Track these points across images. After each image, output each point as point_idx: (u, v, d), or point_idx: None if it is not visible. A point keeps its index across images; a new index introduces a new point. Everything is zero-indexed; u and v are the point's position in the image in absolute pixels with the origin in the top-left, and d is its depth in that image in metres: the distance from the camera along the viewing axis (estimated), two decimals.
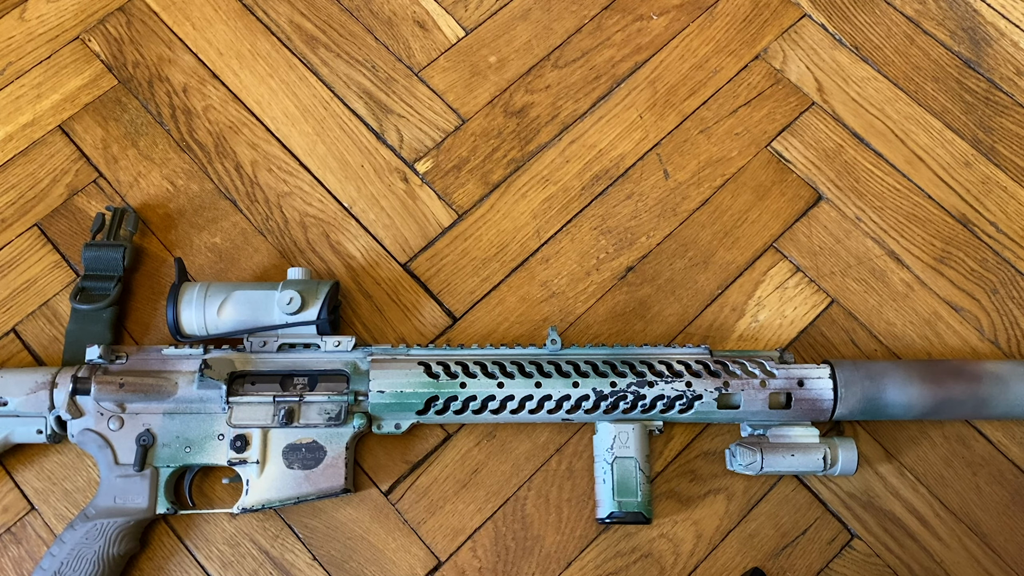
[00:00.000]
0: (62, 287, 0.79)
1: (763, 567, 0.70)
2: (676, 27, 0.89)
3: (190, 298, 0.70)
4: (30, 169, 0.83)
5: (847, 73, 0.86)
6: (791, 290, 0.79)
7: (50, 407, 0.68)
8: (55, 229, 0.81)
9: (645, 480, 0.68)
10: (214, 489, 0.73)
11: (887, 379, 0.69)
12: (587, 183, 0.82)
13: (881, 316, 0.78)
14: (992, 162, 0.83)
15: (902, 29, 0.88)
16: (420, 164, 0.83)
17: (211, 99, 0.86)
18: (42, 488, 0.73)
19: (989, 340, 0.77)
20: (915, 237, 0.80)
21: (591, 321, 0.78)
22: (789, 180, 0.82)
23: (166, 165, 0.83)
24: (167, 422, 0.69)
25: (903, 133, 0.84)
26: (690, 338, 0.77)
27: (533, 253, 0.80)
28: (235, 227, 0.81)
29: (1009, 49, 0.87)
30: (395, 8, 0.89)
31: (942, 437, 0.74)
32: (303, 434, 0.69)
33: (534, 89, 0.86)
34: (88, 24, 0.89)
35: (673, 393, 0.68)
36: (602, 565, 0.71)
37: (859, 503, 0.72)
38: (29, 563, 0.71)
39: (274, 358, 0.70)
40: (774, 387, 0.68)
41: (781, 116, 0.85)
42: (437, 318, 0.78)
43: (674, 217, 0.81)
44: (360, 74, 0.87)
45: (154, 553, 0.71)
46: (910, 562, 0.71)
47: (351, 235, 0.81)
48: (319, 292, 0.70)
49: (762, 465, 0.67)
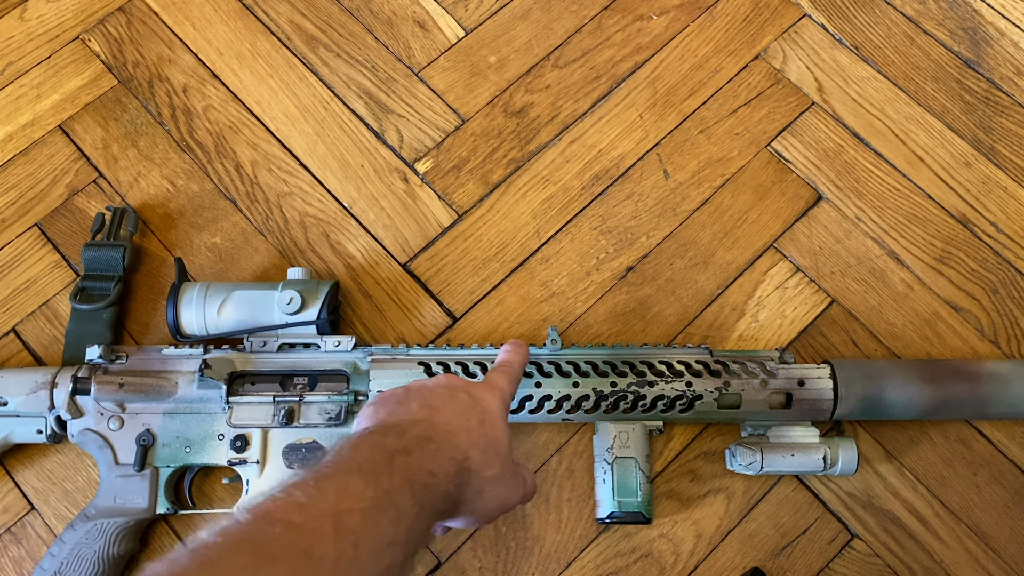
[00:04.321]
0: (62, 287, 0.79)
1: (763, 567, 0.70)
2: (676, 27, 0.89)
3: (190, 298, 0.70)
4: (30, 169, 0.83)
5: (847, 73, 0.86)
6: (791, 290, 0.79)
7: (50, 407, 0.68)
8: (55, 229, 0.81)
9: (645, 480, 0.68)
10: (214, 489, 0.73)
11: (887, 379, 0.69)
12: (587, 183, 0.83)
13: (881, 316, 0.78)
14: (992, 162, 0.83)
15: (902, 29, 0.88)
16: (420, 164, 0.83)
17: (211, 99, 0.86)
18: (42, 488, 0.73)
19: (989, 340, 0.77)
20: (915, 237, 0.80)
21: (591, 321, 0.78)
22: (789, 180, 0.82)
23: (166, 165, 0.83)
24: (167, 422, 0.69)
25: (903, 133, 0.84)
26: (690, 338, 0.77)
27: (533, 253, 0.80)
28: (235, 227, 0.81)
29: (1009, 49, 0.87)
30: (395, 8, 0.89)
31: (942, 437, 0.74)
32: (303, 434, 0.69)
33: (534, 89, 0.86)
34: (88, 24, 0.89)
35: (673, 393, 0.68)
36: (602, 565, 0.71)
37: (859, 503, 0.72)
38: (29, 563, 0.71)
39: (274, 358, 0.70)
40: (774, 387, 0.68)
41: (781, 116, 0.85)
42: (437, 318, 0.78)
43: (674, 217, 0.81)
44: (360, 74, 0.87)
45: (154, 553, 0.71)
46: (910, 562, 0.71)
47: (351, 235, 0.81)
48: (319, 292, 0.70)
49: (762, 465, 0.67)
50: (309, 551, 0.36)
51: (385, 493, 0.41)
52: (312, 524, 0.37)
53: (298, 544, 0.36)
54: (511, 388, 0.57)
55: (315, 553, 0.36)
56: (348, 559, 0.37)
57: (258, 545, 0.36)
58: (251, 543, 0.36)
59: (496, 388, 0.55)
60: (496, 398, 0.54)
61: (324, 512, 0.38)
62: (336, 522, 0.38)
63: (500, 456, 0.51)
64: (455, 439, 0.48)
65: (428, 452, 0.46)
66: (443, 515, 0.47)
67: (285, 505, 0.38)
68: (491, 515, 0.52)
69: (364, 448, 0.45)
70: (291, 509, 0.38)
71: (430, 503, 0.44)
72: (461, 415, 0.50)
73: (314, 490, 0.39)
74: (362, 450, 0.44)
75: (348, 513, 0.39)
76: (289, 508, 0.38)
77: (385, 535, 0.40)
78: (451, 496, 0.47)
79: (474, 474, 0.48)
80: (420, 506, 0.43)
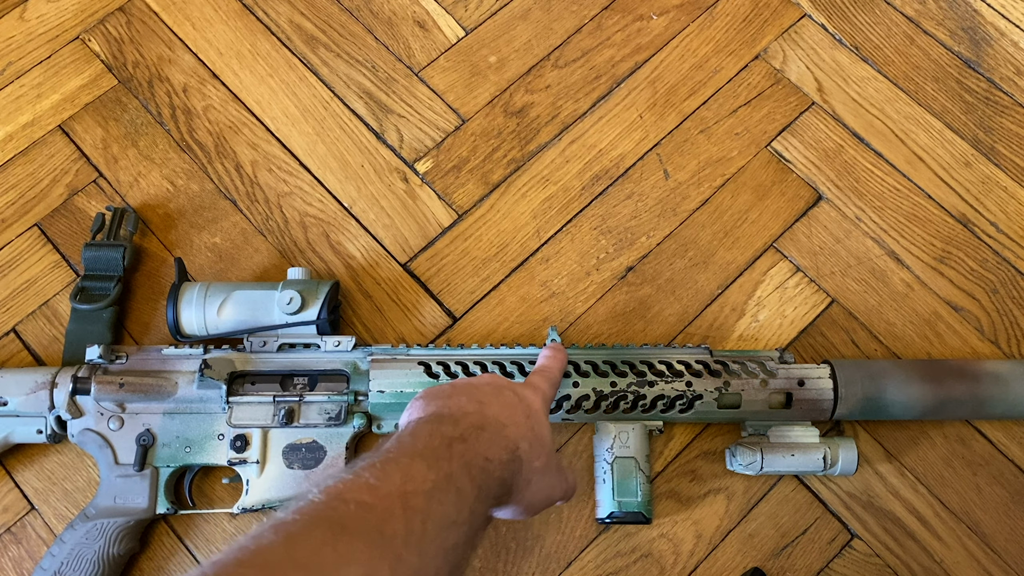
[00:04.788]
0: (62, 287, 0.79)
1: (763, 567, 0.70)
2: (676, 27, 0.89)
3: (190, 298, 0.70)
4: (30, 169, 0.83)
5: (847, 73, 0.86)
6: (791, 290, 0.79)
7: (50, 407, 0.68)
8: (55, 229, 0.81)
9: (645, 480, 0.67)
10: (214, 489, 0.73)
11: (887, 379, 0.69)
12: (587, 183, 0.83)
13: (881, 316, 0.78)
14: (992, 162, 0.83)
15: (902, 29, 0.88)
16: (420, 164, 0.83)
17: (211, 99, 0.86)
18: (42, 488, 0.73)
19: (989, 340, 0.77)
20: (915, 237, 0.80)
21: (591, 321, 0.78)
22: (789, 180, 0.82)
23: (166, 165, 0.83)
24: (167, 422, 0.69)
25: (903, 133, 0.84)
26: (690, 338, 0.77)
27: (533, 253, 0.80)
28: (235, 227, 0.81)
29: (1009, 49, 0.87)
30: (395, 8, 0.89)
31: (942, 437, 0.74)
32: (303, 434, 0.69)
33: (534, 89, 0.86)
34: (88, 24, 0.89)
35: (673, 393, 0.68)
36: (602, 565, 0.71)
37: (859, 503, 0.72)
38: (29, 563, 0.71)
39: (274, 358, 0.70)
40: (774, 387, 0.68)
41: (781, 116, 0.85)
42: (437, 318, 0.78)
43: (674, 217, 0.81)
44: (360, 74, 0.87)
45: (154, 553, 0.71)
46: (910, 562, 0.71)
47: (351, 235, 0.81)
48: (319, 292, 0.70)
49: (762, 465, 0.67)
50: (381, 528, 0.38)
51: (446, 476, 0.43)
52: (383, 504, 0.40)
53: (371, 521, 0.38)
54: (551, 391, 0.60)
55: (387, 530, 0.38)
56: (417, 537, 0.39)
57: (334, 522, 0.38)
58: (328, 520, 0.38)
59: (538, 389, 0.58)
60: (538, 398, 0.56)
61: (392, 493, 0.40)
62: (404, 502, 0.40)
63: (546, 449, 0.53)
64: (505, 430, 0.50)
65: (482, 440, 0.48)
66: (498, 501, 0.49)
67: (356, 486, 0.41)
68: (537, 506, 0.54)
69: (423, 435, 0.47)
70: (362, 489, 0.40)
71: (487, 487, 0.46)
72: (509, 408, 0.52)
73: (381, 472, 0.42)
74: (421, 437, 0.46)
75: (414, 495, 0.41)
76: (360, 488, 0.40)
77: (449, 515, 0.42)
78: (505, 482, 0.48)
79: (524, 463, 0.50)
80: (479, 489, 0.45)
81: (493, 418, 0.50)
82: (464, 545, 0.43)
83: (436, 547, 0.41)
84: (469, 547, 0.44)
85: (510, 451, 0.49)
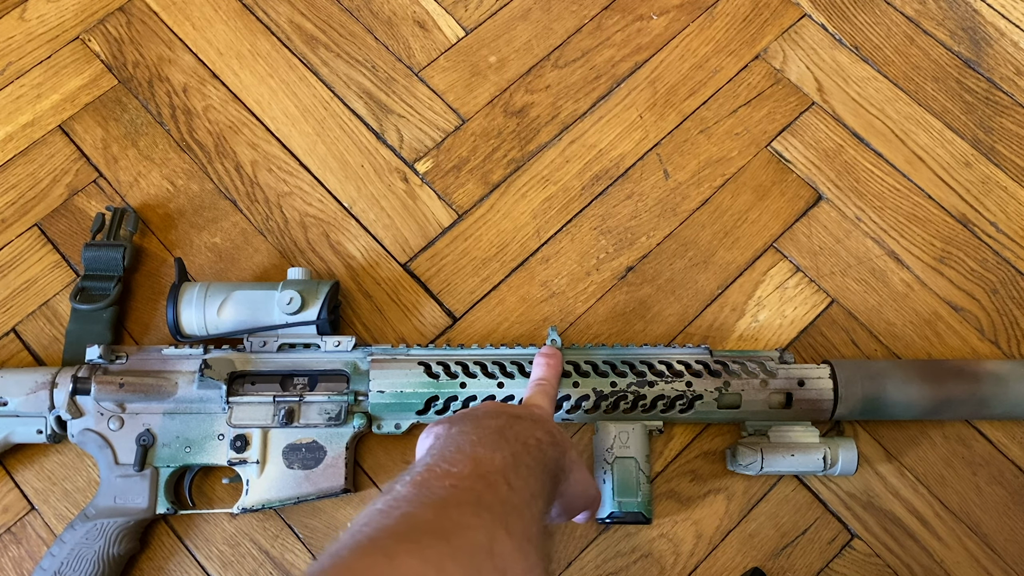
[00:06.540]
0: (62, 287, 0.79)
1: (763, 567, 0.70)
2: (676, 27, 0.89)
3: (190, 298, 0.70)
4: (30, 169, 0.83)
5: (847, 73, 0.86)
6: (791, 290, 0.79)
7: (50, 407, 0.68)
8: (55, 229, 0.81)
9: (645, 480, 0.67)
10: (214, 489, 0.73)
11: (887, 379, 0.69)
12: (587, 183, 0.83)
13: (881, 316, 0.78)
14: (992, 162, 0.83)
15: (902, 29, 0.88)
16: (420, 164, 0.83)
17: (211, 99, 0.86)
18: (42, 488, 0.73)
19: (989, 340, 0.77)
20: (915, 237, 0.80)
21: (591, 321, 0.78)
22: (789, 180, 0.82)
23: (166, 165, 0.83)
24: (167, 422, 0.69)
25: (903, 133, 0.84)
26: (690, 338, 0.77)
27: (533, 253, 0.80)
28: (235, 227, 0.81)
29: (1009, 49, 0.87)
30: (395, 8, 0.89)
31: (942, 437, 0.74)
32: (303, 434, 0.69)
33: (534, 89, 0.86)
34: (88, 24, 0.89)
35: (673, 393, 0.68)
36: (602, 565, 0.71)
37: (859, 503, 0.72)
38: (29, 563, 0.71)
39: (274, 358, 0.70)
40: (774, 387, 0.68)
41: (781, 116, 0.85)
42: (437, 318, 0.78)
43: (674, 217, 0.81)
44: (360, 74, 0.87)
45: (154, 553, 0.71)
46: (910, 562, 0.71)
47: (351, 235, 0.81)
48: (319, 292, 0.70)
49: (762, 465, 0.67)
50: (479, 499, 0.42)
51: (512, 455, 0.47)
52: (466, 483, 0.43)
53: (467, 497, 0.42)
54: (550, 407, 0.62)
55: (485, 500, 0.42)
56: (511, 506, 0.43)
57: (436, 498, 0.41)
58: (429, 497, 0.41)
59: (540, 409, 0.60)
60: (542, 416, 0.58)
61: (471, 474, 0.44)
62: (486, 480, 0.43)
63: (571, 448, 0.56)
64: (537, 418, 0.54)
65: (524, 427, 0.51)
66: (555, 481, 0.51)
67: (437, 474, 0.44)
68: (576, 503, 0.56)
69: (470, 431, 0.49)
70: (443, 476, 0.43)
71: (545, 464, 0.49)
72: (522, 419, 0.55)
73: (453, 461, 0.45)
74: (469, 433, 0.49)
75: (491, 474, 0.44)
76: (441, 476, 0.43)
77: (529, 487, 0.45)
78: (558, 462, 0.52)
79: (563, 449, 0.53)
80: (540, 464, 0.49)
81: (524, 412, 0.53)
82: (544, 517, 0.46)
83: (529, 515, 0.43)
84: (547, 528, 0.47)
85: (550, 434, 0.52)
